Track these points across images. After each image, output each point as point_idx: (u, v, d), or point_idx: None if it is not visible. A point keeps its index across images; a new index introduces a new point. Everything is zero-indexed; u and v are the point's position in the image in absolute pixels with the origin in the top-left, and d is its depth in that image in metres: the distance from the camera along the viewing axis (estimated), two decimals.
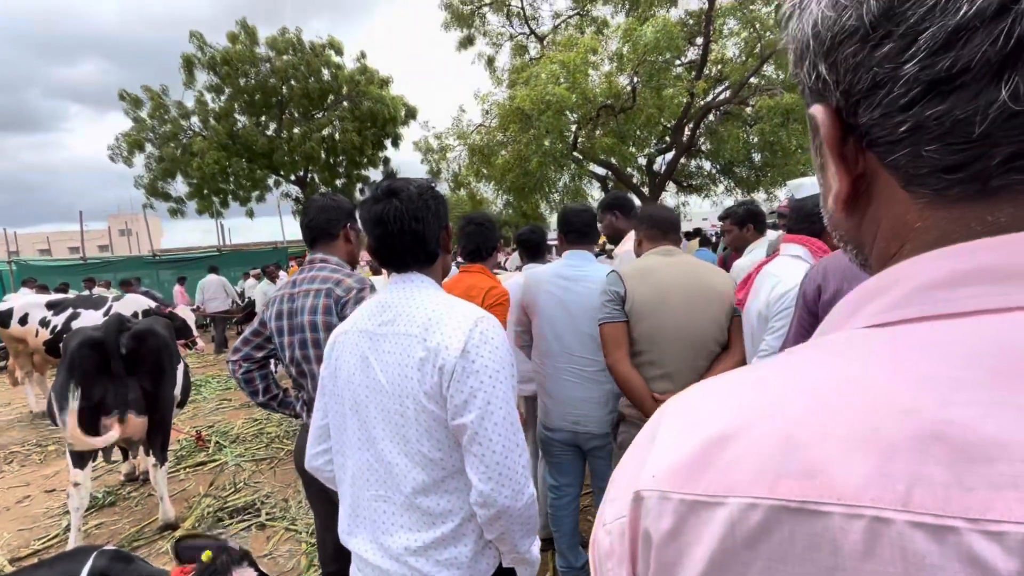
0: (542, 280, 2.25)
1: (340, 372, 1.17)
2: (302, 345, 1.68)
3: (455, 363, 1.02)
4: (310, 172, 16.74)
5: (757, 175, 11.26)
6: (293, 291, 1.74)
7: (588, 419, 2.20)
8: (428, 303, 1.12)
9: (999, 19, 0.24)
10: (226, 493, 3.68)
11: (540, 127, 8.21)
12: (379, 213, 1.15)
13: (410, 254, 1.16)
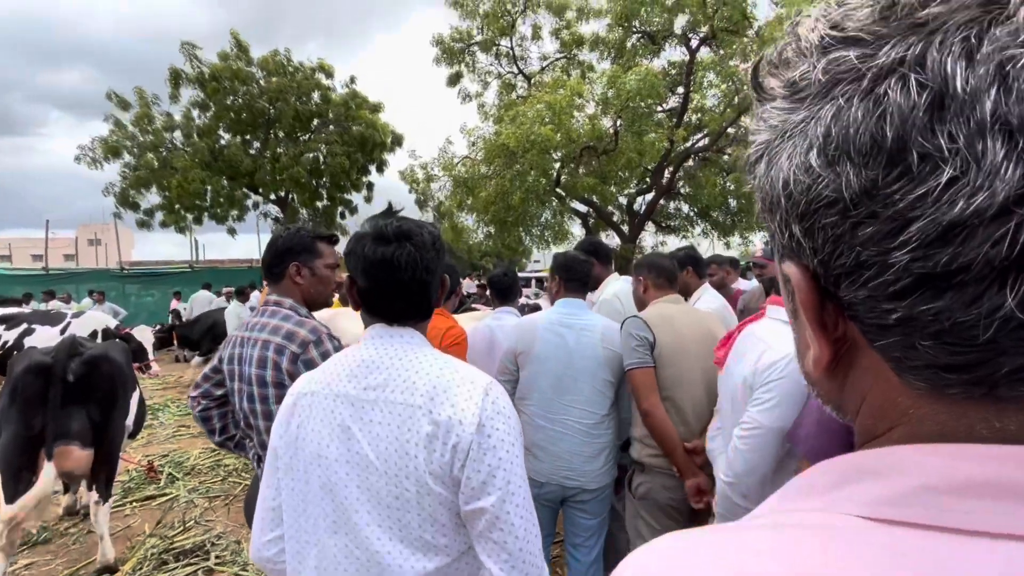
0: (539, 328, 2.18)
1: (304, 443, 0.99)
2: (249, 398, 1.57)
3: (471, 440, 0.90)
4: (291, 193, 16.62)
5: (733, 220, 11.59)
6: (246, 335, 1.62)
7: (582, 474, 2.13)
8: (428, 366, 0.98)
9: (1001, 221, 0.21)
10: (174, 532, 3.46)
11: (524, 164, 8.35)
12: (389, 257, 1.00)
13: (413, 307, 1.04)
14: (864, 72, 0.25)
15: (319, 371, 1.06)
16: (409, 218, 1.10)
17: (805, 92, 0.27)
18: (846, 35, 0.26)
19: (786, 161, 0.28)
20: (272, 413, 1.54)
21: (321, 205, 17.45)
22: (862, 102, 0.24)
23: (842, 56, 0.26)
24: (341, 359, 1.04)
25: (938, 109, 0.22)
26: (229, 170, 15.33)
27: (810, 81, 0.27)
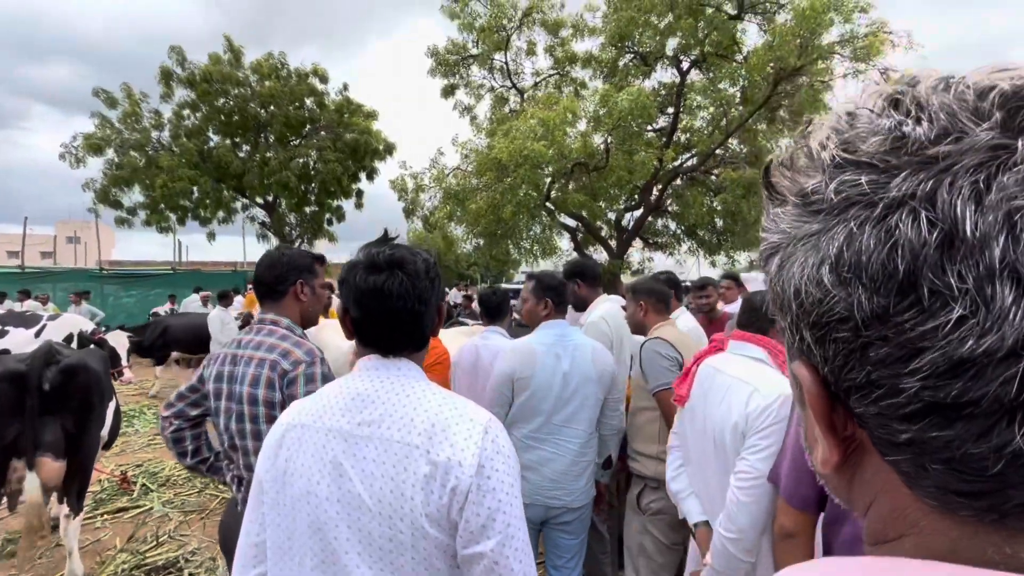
0: (537, 352, 2.19)
1: (293, 478, 0.95)
2: (238, 418, 1.55)
3: (471, 482, 0.87)
4: (279, 197, 16.48)
5: (719, 239, 11.77)
6: (237, 352, 1.60)
7: (569, 492, 2.17)
8: (427, 402, 0.94)
9: (1010, 362, 0.22)
10: (146, 547, 3.36)
11: (516, 178, 8.41)
12: (380, 285, 0.97)
13: (407, 337, 1.00)
14: (876, 200, 0.25)
15: (310, 402, 1.02)
16: (404, 245, 1.06)
17: (817, 206, 0.28)
18: (858, 159, 0.27)
19: (798, 269, 0.28)
20: (261, 433, 1.52)
21: (309, 211, 17.34)
22: (874, 230, 0.25)
23: (854, 179, 0.26)
24: (334, 391, 1.01)
25: (948, 248, 0.23)
26: (217, 171, 15.17)
27: (822, 196, 0.28)
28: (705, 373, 1.66)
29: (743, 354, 1.59)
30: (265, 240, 18.02)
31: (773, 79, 8.36)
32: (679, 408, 1.77)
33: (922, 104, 0.26)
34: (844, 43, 7.93)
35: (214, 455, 1.75)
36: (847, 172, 0.27)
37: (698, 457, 1.67)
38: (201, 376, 1.68)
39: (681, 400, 1.69)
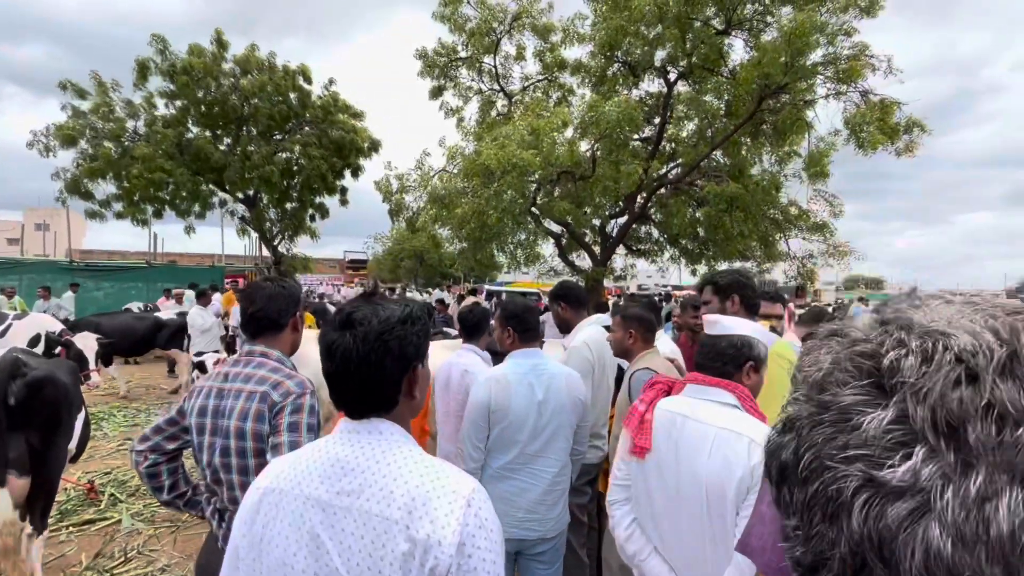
0: (511, 383, 2.18)
1: (269, 547, 0.92)
2: (224, 452, 1.52)
3: (450, 563, 0.84)
4: (260, 192, 16.18)
5: (701, 249, 11.91)
6: (224, 386, 1.57)
7: (544, 522, 2.17)
8: (407, 472, 0.91)
9: None
10: (114, 563, 3.26)
11: (502, 184, 8.39)
12: (328, 345, 0.97)
13: (362, 401, 0.97)
14: (784, 419, 0.40)
15: (288, 465, 0.99)
16: (379, 303, 1.02)
17: None
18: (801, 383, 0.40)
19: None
20: (248, 468, 1.50)
21: (291, 207, 17.06)
22: (778, 434, 0.39)
23: (793, 401, 0.39)
24: (312, 455, 0.98)
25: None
26: (195, 163, 14.81)
27: None
28: (667, 420, 1.52)
29: (709, 399, 1.51)
30: (245, 235, 17.69)
31: (758, 95, 8.49)
32: (630, 459, 1.59)
33: (833, 353, 0.38)
34: (827, 64, 8.10)
35: (192, 489, 1.71)
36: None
37: (668, 514, 1.52)
38: (181, 409, 1.63)
39: (643, 452, 1.51)
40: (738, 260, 11.44)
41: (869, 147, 7.90)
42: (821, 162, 9.08)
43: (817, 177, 9.35)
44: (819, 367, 0.38)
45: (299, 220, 17.11)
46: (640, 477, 1.56)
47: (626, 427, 1.61)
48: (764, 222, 10.17)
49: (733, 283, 2.16)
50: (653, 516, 1.55)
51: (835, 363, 0.37)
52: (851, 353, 0.36)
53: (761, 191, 9.87)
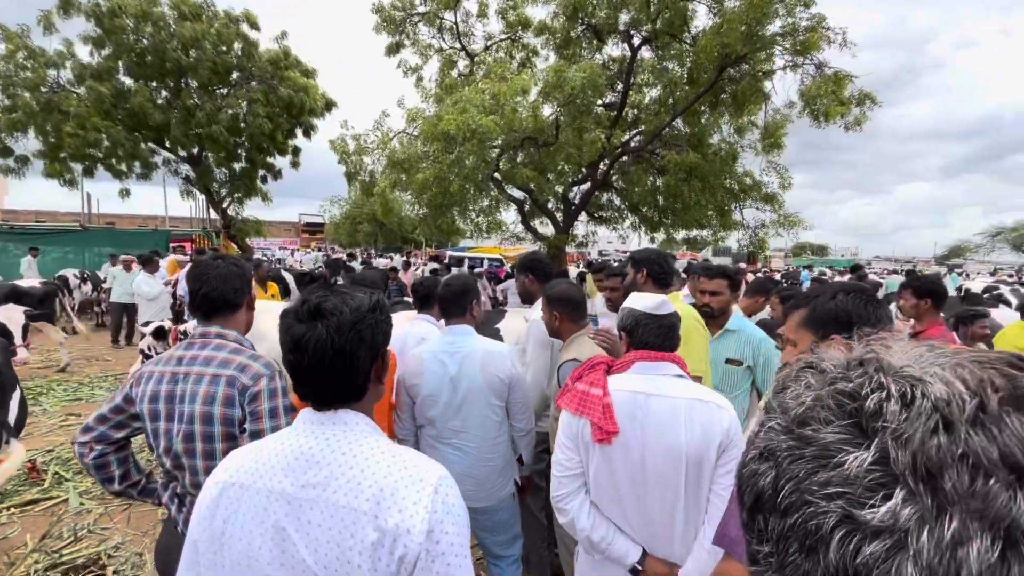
0: (424, 360, 2.24)
1: (231, 541, 0.91)
2: (187, 437, 1.47)
3: (419, 550, 0.86)
4: (205, 151, 15.18)
5: (660, 217, 12.12)
6: (178, 370, 1.51)
7: (472, 494, 2.20)
8: (374, 463, 0.91)
9: None
10: (63, 543, 3.17)
11: (464, 151, 8.19)
12: (297, 338, 0.95)
13: (333, 392, 0.97)
14: (762, 449, 0.40)
15: (248, 458, 0.97)
16: (345, 291, 1.02)
17: None
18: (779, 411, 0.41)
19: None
20: (215, 453, 1.47)
21: (239, 167, 16.13)
22: (757, 463, 0.40)
23: (770, 429, 0.40)
24: (274, 448, 0.97)
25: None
26: (133, 120, 13.68)
27: None
28: (629, 400, 1.53)
29: (664, 373, 1.57)
30: (190, 196, 16.68)
31: (719, 64, 8.52)
32: (592, 447, 1.54)
33: (816, 390, 0.39)
34: (786, 35, 8.18)
35: (145, 476, 1.66)
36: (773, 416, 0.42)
37: (634, 495, 1.54)
38: (128, 396, 1.56)
39: (611, 437, 1.50)
40: (695, 229, 11.74)
41: (824, 119, 8.13)
42: (776, 134, 9.29)
43: (772, 148, 9.58)
44: (800, 402, 0.39)
45: (249, 181, 16.23)
46: (603, 462, 1.54)
47: (578, 414, 1.56)
48: (720, 192, 10.41)
49: (645, 259, 2.46)
50: (618, 499, 1.55)
51: (817, 400, 0.38)
52: (833, 391, 0.38)
53: (719, 161, 10.05)
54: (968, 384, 0.35)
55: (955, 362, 0.37)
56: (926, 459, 0.32)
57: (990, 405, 0.33)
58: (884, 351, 0.40)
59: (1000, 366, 0.36)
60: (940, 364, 0.37)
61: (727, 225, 11.13)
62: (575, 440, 1.58)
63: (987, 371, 0.36)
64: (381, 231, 35.81)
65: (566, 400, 1.62)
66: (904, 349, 0.40)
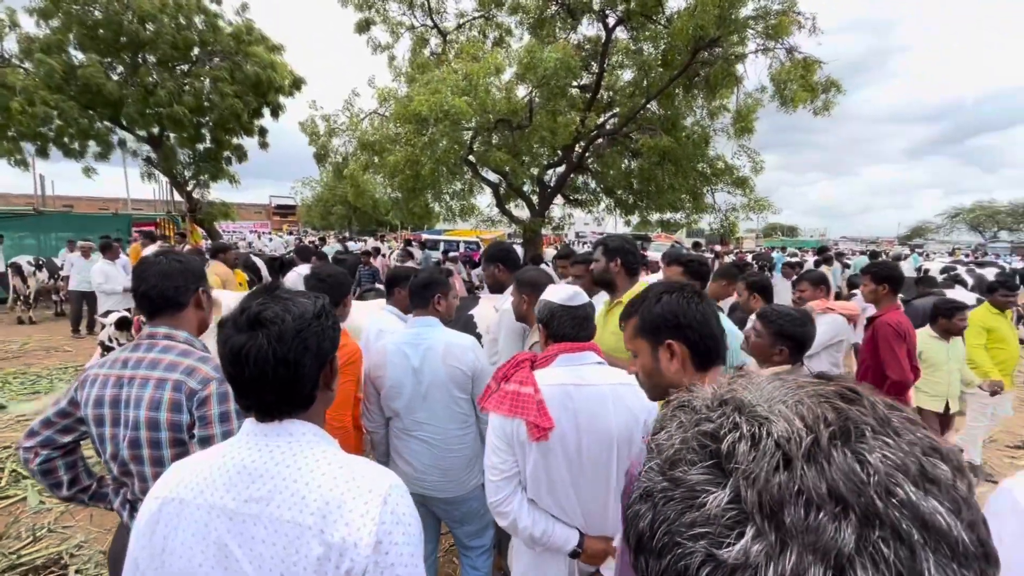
0: (388, 351, 2.24)
1: (172, 558, 0.88)
2: (133, 444, 1.43)
3: (367, 563, 0.84)
4: (166, 131, 14.54)
5: (635, 200, 12.20)
6: (123, 373, 1.46)
7: (440, 485, 2.25)
8: (320, 475, 0.89)
9: None
10: (21, 544, 3.08)
11: (436, 132, 8.04)
12: (237, 349, 0.91)
13: (278, 403, 0.93)
14: (641, 489, 0.41)
15: (190, 472, 0.94)
16: (287, 297, 0.98)
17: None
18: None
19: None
20: (164, 459, 1.43)
21: (203, 148, 15.52)
22: (638, 503, 0.41)
23: (648, 470, 0.41)
24: (216, 461, 0.94)
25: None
26: (86, 96, 12.97)
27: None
28: (560, 393, 1.55)
29: (586, 363, 1.63)
30: (152, 179, 16.01)
31: (693, 47, 8.51)
32: (528, 445, 1.53)
33: (684, 432, 0.41)
34: (758, 19, 8.20)
35: (96, 481, 1.61)
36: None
37: (571, 483, 1.57)
38: (73, 399, 1.50)
39: (547, 433, 1.50)
40: (669, 212, 11.85)
41: (792, 104, 8.23)
42: (748, 118, 9.37)
43: (743, 132, 9.68)
44: (671, 443, 0.40)
45: (214, 163, 15.63)
46: (540, 458, 1.55)
47: (511, 415, 1.54)
48: (693, 175, 10.50)
49: (619, 248, 2.49)
50: (554, 490, 1.58)
51: (684, 442, 0.40)
52: (696, 433, 0.40)
53: (692, 145, 10.12)
54: (806, 420, 0.37)
55: (797, 398, 0.39)
56: (770, 497, 0.34)
57: (822, 440, 0.35)
58: (743, 389, 0.42)
59: (834, 400, 0.38)
60: (785, 401, 0.39)
61: (699, 208, 11.27)
62: (509, 441, 1.57)
63: (822, 406, 0.38)
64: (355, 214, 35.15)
65: (495, 402, 1.60)
66: (759, 386, 0.42)
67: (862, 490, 0.33)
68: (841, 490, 0.33)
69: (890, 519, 0.32)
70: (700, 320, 1.24)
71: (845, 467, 0.34)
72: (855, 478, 0.33)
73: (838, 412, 0.37)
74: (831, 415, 0.37)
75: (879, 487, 0.33)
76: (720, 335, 1.27)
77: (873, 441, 0.35)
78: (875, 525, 0.32)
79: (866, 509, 0.32)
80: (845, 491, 0.33)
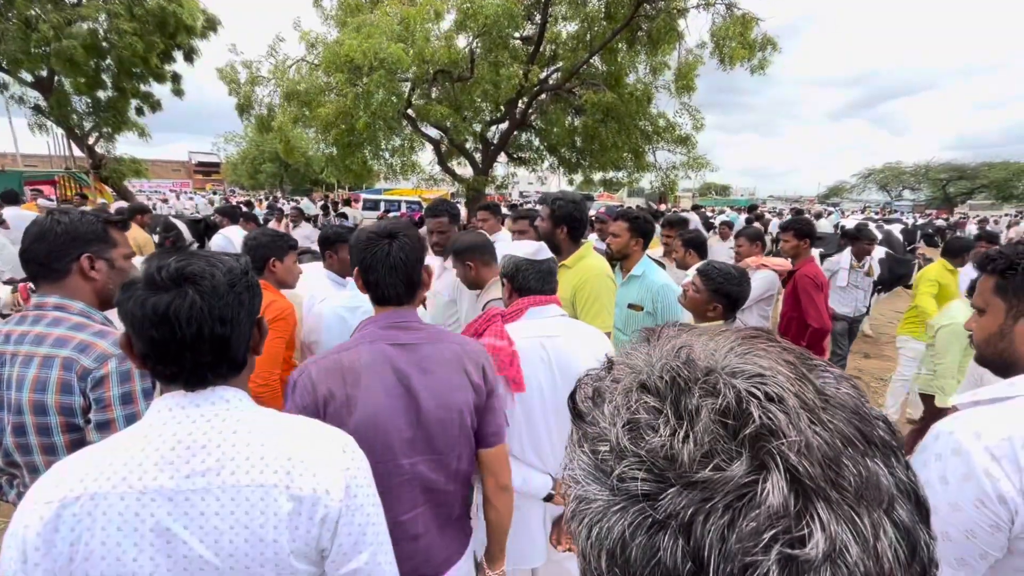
0: (324, 316, 2.16)
1: (89, 566, 0.77)
2: (18, 431, 1.25)
3: (340, 507, 0.85)
4: (58, 74, 12.77)
5: (578, 158, 12.16)
6: (4, 349, 1.26)
7: None
8: (272, 434, 0.86)
9: None
10: None
11: (370, 83, 7.52)
12: (163, 310, 0.81)
13: (213, 367, 0.86)
14: (648, 513, 0.31)
15: (96, 463, 0.81)
16: (202, 254, 0.89)
17: (607, 479, 0.33)
18: (639, 453, 0.32)
19: (588, 533, 0.33)
20: (56, 447, 1.27)
21: (105, 96, 13.82)
22: (646, 541, 0.30)
23: (634, 475, 0.32)
24: (138, 442, 0.82)
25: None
26: None
27: (610, 471, 0.33)
28: (535, 345, 1.60)
29: (551, 315, 1.70)
30: (44, 131, 14.17)
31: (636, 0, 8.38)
32: (506, 395, 1.57)
33: (692, 418, 0.32)
34: None
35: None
36: (629, 462, 0.32)
37: (546, 428, 1.64)
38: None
39: (520, 385, 1.56)
40: (611, 170, 11.94)
41: (730, 62, 8.35)
42: (688, 76, 9.45)
43: (684, 90, 9.78)
44: (692, 440, 0.31)
45: (119, 114, 13.99)
46: (520, 410, 1.60)
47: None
48: (636, 133, 10.56)
49: (567, 216, 2.48)
50: (532, 439, 1.64)
51: (707, 431, 0.31)
52: (715, 417, 0.31)
53: (635, 102, 10.12)
54: (785, 372, 0.36)
55: (748, 349, 0.38)
56: (830, 460, 0.32)
57: (812, 388, 0.36)
58: (699, 347, 0.39)
59: (770, 345, 0.38)
60: (745, 354, 0.37)
61: (641, 167, 11.42)
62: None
63: (784, 354, 0.37)
64: (286, 172, 33.09)
65: None
66: (712, 341, 0.39)
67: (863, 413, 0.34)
68: (854, 427, 0.32)
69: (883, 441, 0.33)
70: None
71: (843, 402, 0.34)
72: (860, 411, 0.34)
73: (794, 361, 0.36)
74: (794, 359, 0.36)
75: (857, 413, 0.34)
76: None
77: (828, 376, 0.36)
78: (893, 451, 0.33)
79: (870, 436, 0.33)
80: (857, 427, 0.32)
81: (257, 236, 2.35)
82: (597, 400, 0.37)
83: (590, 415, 0.37)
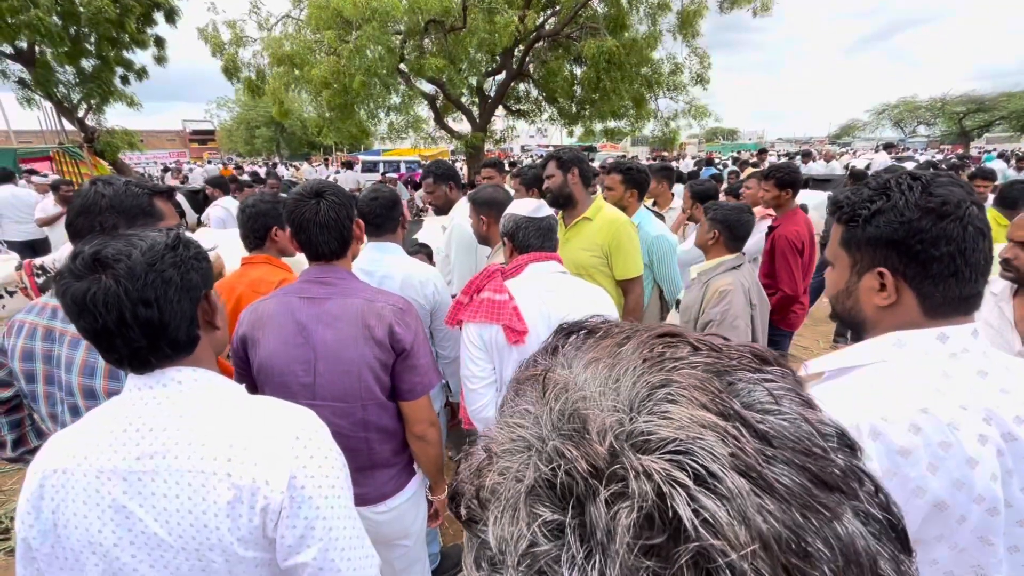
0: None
1: (68, 531, 0.83)
2: (73, 411, 1.26)
3: (282, 498, 0.82)
4: (39, 45, 12.34)
5: (578, 109, 11.77)
6: (53, 325, 1.26)
7: None
8: (219, 420, 0.85)
9: None
10: None
11: (362, 36, 7.21)
12: (79, 297, 0.80)
13: (150, 349, 0.84)
14: None
15: (69, 440, 0.86)
16: (131, 233, 0.87)
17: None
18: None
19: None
20: None
21: (90, 65, 13.38)
22: None
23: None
24: (98, 423, 0.86)
25: None
26: None
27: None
28: (536, 299, 1.61)
29: (552, 271, 1.71)
30: (32, 105, 13.84)
31: None
32: (507, 349, 1.60)
33: (604, 547, 0.24)
34: None
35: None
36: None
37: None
38: (2, 348, 1.31)
39: (523, 337, 1.57)
40: (612, 120, 11.57)
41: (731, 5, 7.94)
42: (694, 22, 9.00)
43: (689, 36, 9.33)
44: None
45: (104, 84, 13.58)
46: (519, 361, 1.61)
47: (489, 321, 1.59)
48: (638, 80, 10.17)
49: (573, 159, 2.43)
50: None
51: (628, 570, 0.23)
52: (634, 539, 0.23)
53: (637, 47, 9.68)
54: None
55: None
56: None
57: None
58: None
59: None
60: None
61: (642, 115, 11.06)
62: (488, 348, 1.63)
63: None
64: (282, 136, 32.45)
65: (470, 312, 1.65)
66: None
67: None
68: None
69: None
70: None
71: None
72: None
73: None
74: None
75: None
76: None
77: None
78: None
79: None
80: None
81: (255, 203, 2.13)
82: (484, 502, 0.29)
83: (480, 520, 0.29)
